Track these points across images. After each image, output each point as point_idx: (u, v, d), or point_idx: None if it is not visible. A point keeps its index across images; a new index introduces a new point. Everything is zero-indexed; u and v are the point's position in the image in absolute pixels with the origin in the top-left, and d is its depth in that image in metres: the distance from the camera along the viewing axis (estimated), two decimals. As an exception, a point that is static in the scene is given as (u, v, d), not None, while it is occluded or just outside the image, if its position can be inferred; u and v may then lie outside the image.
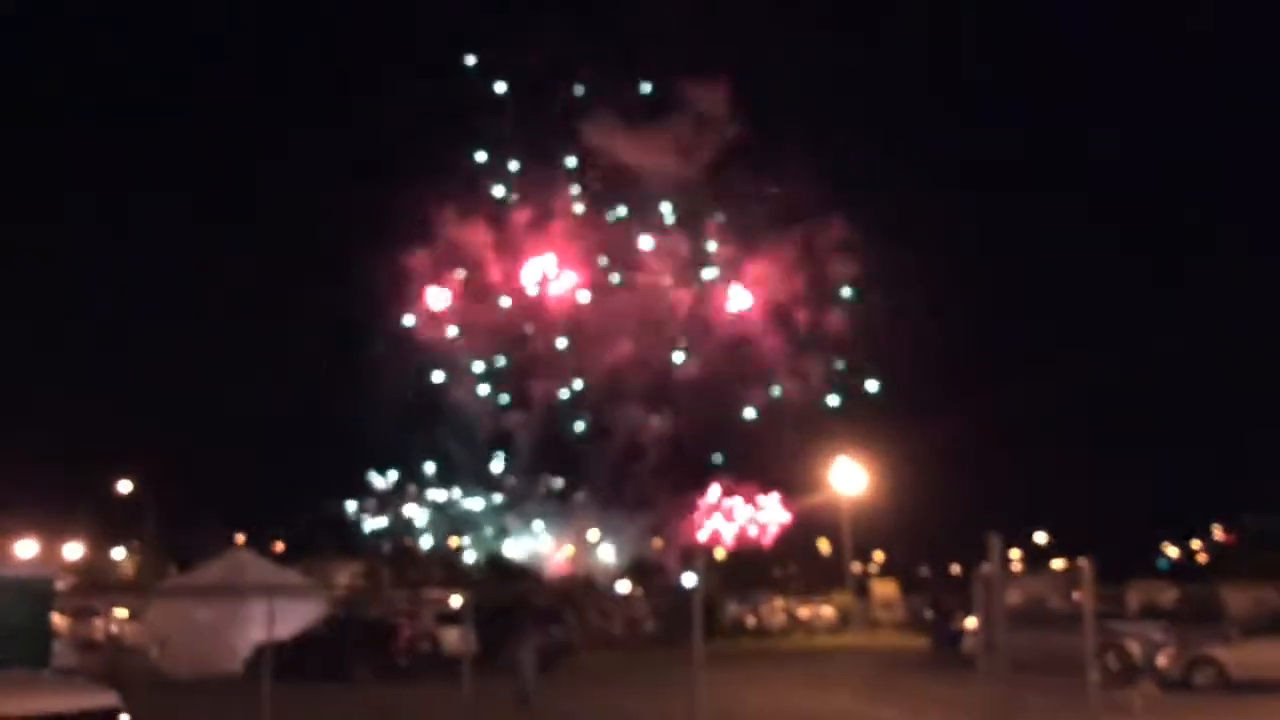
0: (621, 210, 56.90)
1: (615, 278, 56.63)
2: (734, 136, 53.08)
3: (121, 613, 37.06)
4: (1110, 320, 76.35)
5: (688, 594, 43.60)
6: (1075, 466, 70.56)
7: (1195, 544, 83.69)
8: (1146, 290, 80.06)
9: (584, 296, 55.84)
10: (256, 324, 65.15)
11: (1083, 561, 12.38)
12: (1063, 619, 17.12)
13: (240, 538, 60.81)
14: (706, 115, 52.57)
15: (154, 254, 71.17)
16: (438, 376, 61.61)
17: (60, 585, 32.22)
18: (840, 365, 61.71)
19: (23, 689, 10.35)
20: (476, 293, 59.44)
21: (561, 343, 57.27)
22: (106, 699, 10.21)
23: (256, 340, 64.38)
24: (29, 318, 66.05)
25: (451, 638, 29.14)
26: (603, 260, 57.94)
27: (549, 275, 56.65)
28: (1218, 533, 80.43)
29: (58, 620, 25.77)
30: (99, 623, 35.60)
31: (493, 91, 56.42)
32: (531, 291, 58.04)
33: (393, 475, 70.28)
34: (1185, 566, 76.94)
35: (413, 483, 70.11)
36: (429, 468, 69.36)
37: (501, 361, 60.14)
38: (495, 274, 58.29)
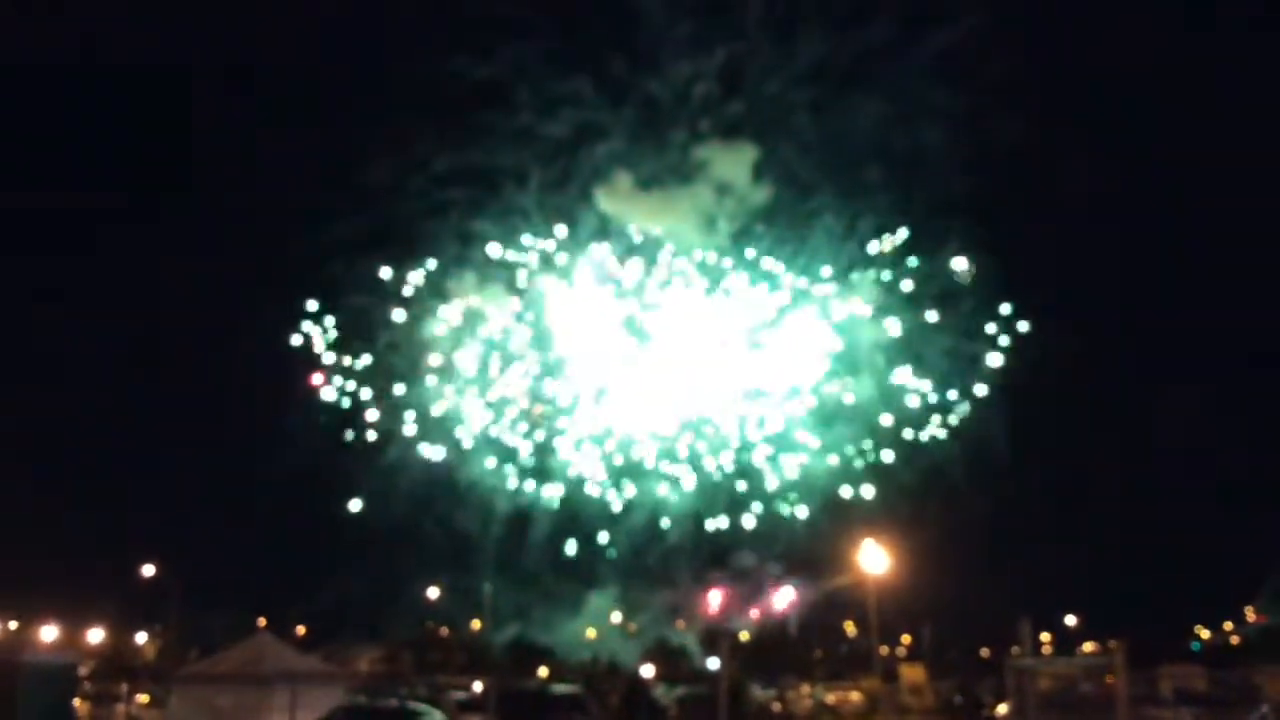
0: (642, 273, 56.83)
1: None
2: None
3: (143, 698, 36.96)
4: (1140, 401, 75.91)
5: (713, 678, 43.17)
6: (1106, 548, 69.86)
7: (1227, 626, 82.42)
8: (1177, 367, 79.63)
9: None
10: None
11: (1115, 645, 12.24)
12: (1094, 704, 16.87)
13: (262, 621, 60.66)
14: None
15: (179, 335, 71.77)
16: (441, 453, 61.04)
17: (82, 670, 32.19)
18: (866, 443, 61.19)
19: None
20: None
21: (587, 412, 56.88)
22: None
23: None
24: (51, 405, 66.72)
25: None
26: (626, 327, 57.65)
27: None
28: (1250, 614, 79.21)
29: (80, 705, 25.72)
30: (120, 708, 35.52)
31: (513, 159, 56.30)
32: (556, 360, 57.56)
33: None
34: (1218, 649, 75.71)
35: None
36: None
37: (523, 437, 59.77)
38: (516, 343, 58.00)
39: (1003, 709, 27.30)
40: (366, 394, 44.43)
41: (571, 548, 62.73)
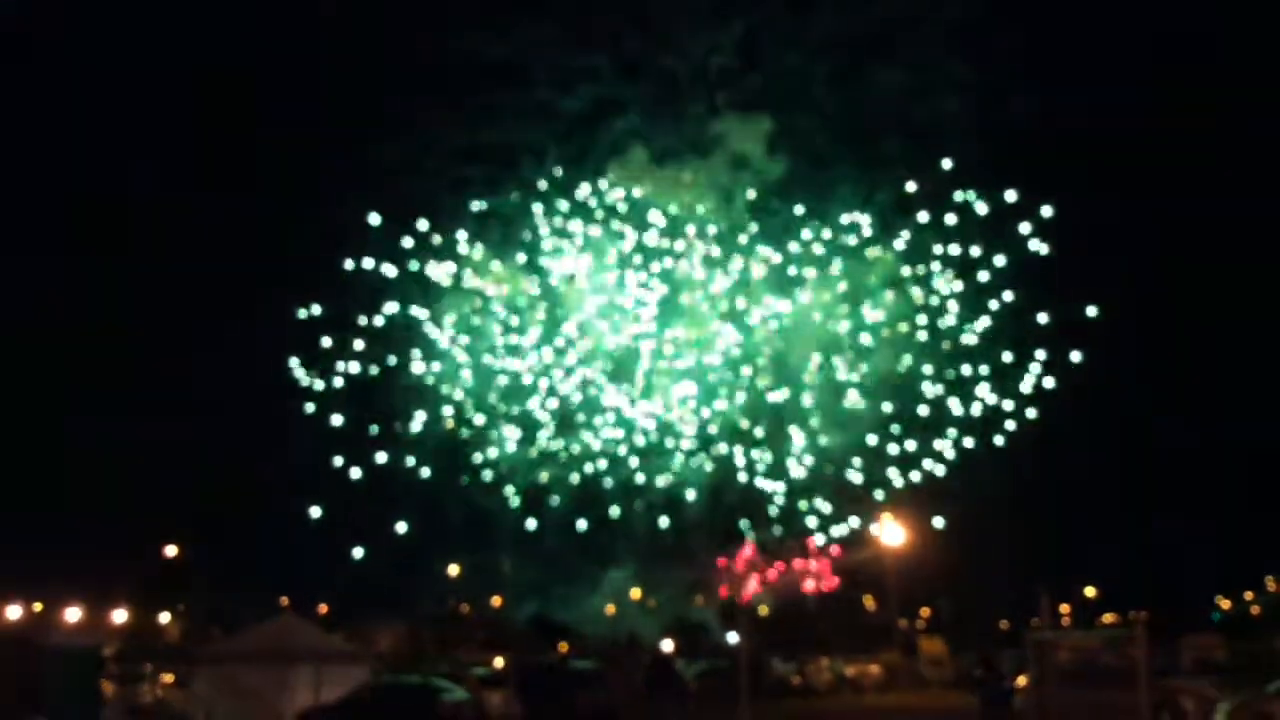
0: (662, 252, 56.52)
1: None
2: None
3: (168, 678, 37.28)
4: (1164, 371, 75.51)
5: (732, 653, 43.38)
6: (1125, 519, 69.73)
7: (1248, 596, 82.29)
8: (1199, 337, 79.13)
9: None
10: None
11: (1136, 616, 12.23)
12: (1115, 676, 16.85)
13: (284, 600, 61.07)
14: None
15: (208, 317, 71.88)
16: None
17: (107, 652, 32.46)
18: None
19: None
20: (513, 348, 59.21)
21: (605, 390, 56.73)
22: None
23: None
24: (73, 383, 66.98)
25: (495, 702, 29.09)
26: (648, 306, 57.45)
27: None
28: (1270, 585, 79.08)
29: (106, 686, 25.96)
30: (146, 688, 35.83)
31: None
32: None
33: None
34: (1238, 619, 75.63)
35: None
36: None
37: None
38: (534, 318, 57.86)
39: (1022, 681, 27.32)
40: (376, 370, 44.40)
41: (588, 524, 62.97)
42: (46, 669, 18.73)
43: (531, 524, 60.72)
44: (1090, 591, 76.48)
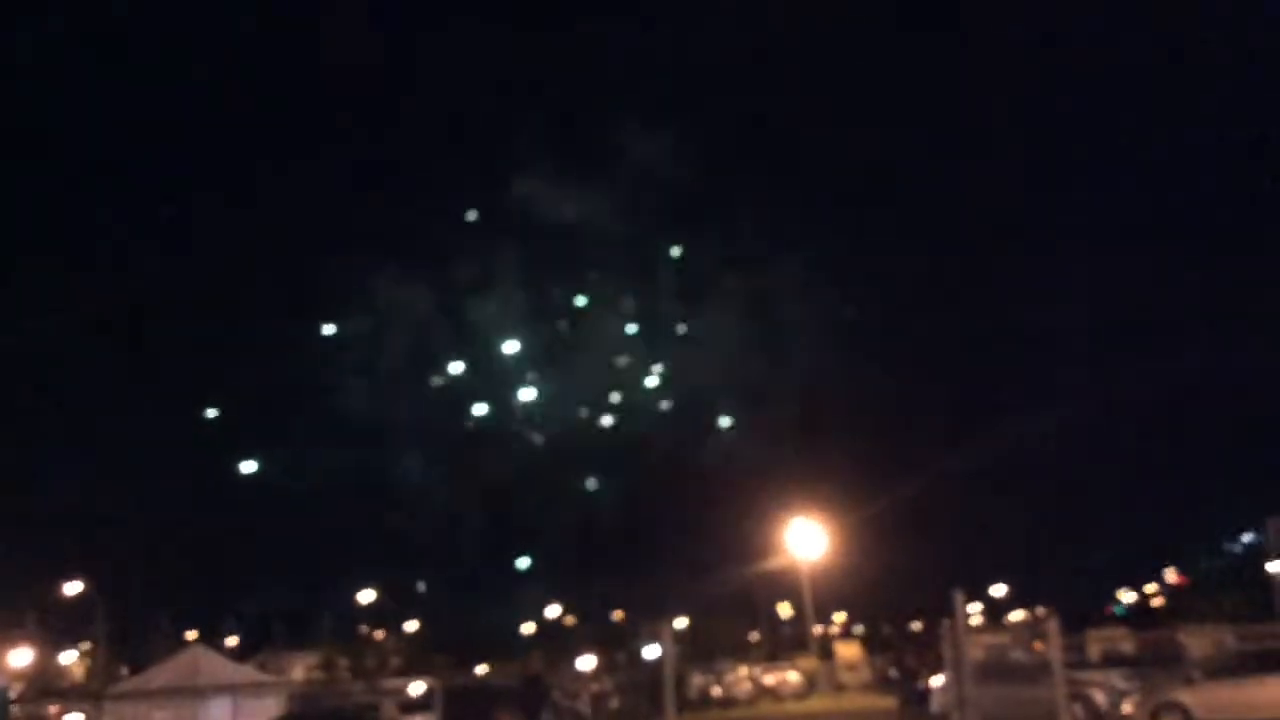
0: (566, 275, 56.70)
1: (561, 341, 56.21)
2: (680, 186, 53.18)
3: (75, 718, 36.27)
4: (1061, 370, 77.62)
5: (652, 667, 43.36)
6: (1028, 518, 71.33)
7: (1150, 588, 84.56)
8: (1096, 337, 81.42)
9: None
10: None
11: (1044, 612, 12.54)
12: (1028, 671, 17.22)
13: (192, 634, 59.68)
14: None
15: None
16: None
17: (12, 694, 31.48)
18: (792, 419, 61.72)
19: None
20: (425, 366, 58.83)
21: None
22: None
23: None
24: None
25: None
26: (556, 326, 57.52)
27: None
28: (1171, 576, 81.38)
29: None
30: (52, 730, 34.83)
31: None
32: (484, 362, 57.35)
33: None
34: (1142, 611, 77.66)
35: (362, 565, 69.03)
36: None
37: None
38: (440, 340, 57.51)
39: (937, 680, 27.80)
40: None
41: (503, 544, 62.70)
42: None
43: (445, 546, 60.29)
44: (999, 591, 78.04)
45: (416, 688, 39.94)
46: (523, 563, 66.54)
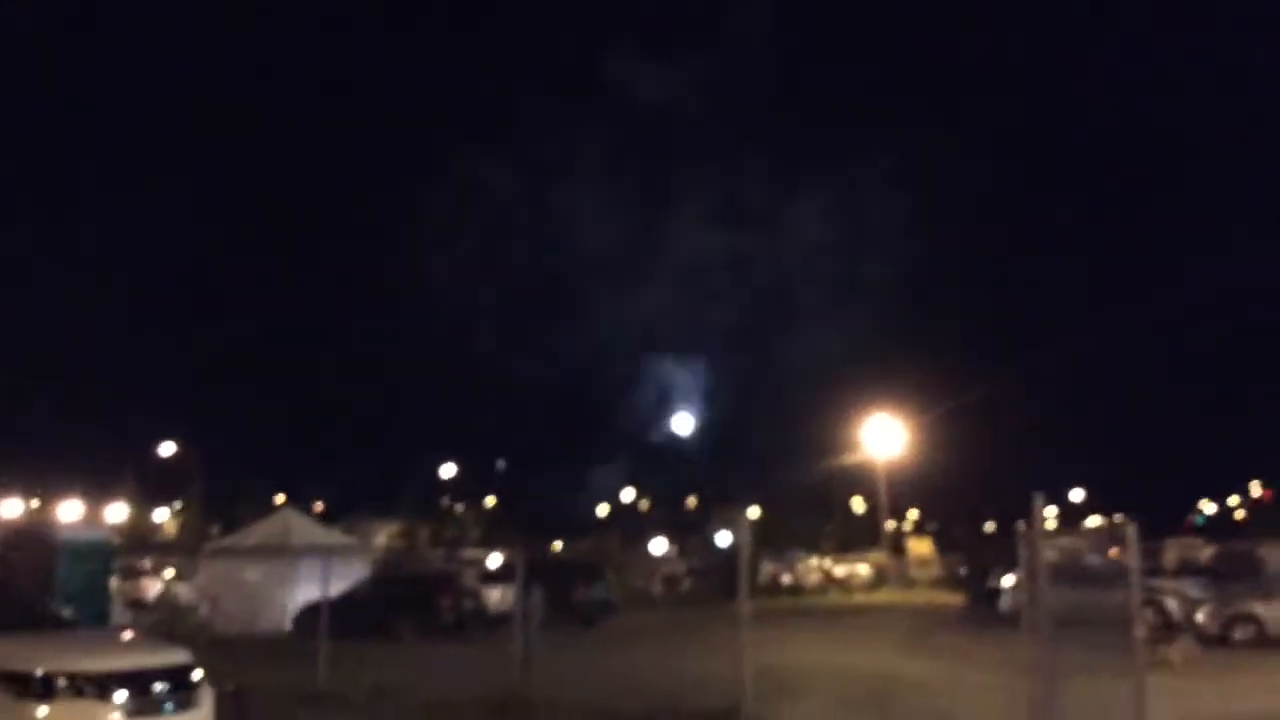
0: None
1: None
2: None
3: (170, 572, 37.84)
4: (1147, 279, 75.87)
5: (724, 553, 44.07)
6: (1112, 424, 70.46)
7: (1233, 500, 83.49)
8: (1184, 248, 79.36)
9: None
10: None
11: (1123, 519, 12.52)
12: (1102, 575, 17.22)
13: (281, 498, 61.68)
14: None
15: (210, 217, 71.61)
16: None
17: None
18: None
19: (104, 647, 10.73)
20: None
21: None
22: (182, 656, 10.50)
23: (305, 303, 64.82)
24: (77, 283, 66.89)
25: (494, 596, 29.66)
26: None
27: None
28: (1255, 489, 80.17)
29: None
30: (148, 583, 36.31)
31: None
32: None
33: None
34: (1222, 523, 76.82)
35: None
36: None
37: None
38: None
39: (1008, 580, 27.94)
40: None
41: (581, 425, 63.48)
42: (60, 561, 19.07)
43: (524, 426, 61.02)
44: (1077, 496, 77.61)
45: (494, 560, 41.10)
46: (598, 445, 67.49)
